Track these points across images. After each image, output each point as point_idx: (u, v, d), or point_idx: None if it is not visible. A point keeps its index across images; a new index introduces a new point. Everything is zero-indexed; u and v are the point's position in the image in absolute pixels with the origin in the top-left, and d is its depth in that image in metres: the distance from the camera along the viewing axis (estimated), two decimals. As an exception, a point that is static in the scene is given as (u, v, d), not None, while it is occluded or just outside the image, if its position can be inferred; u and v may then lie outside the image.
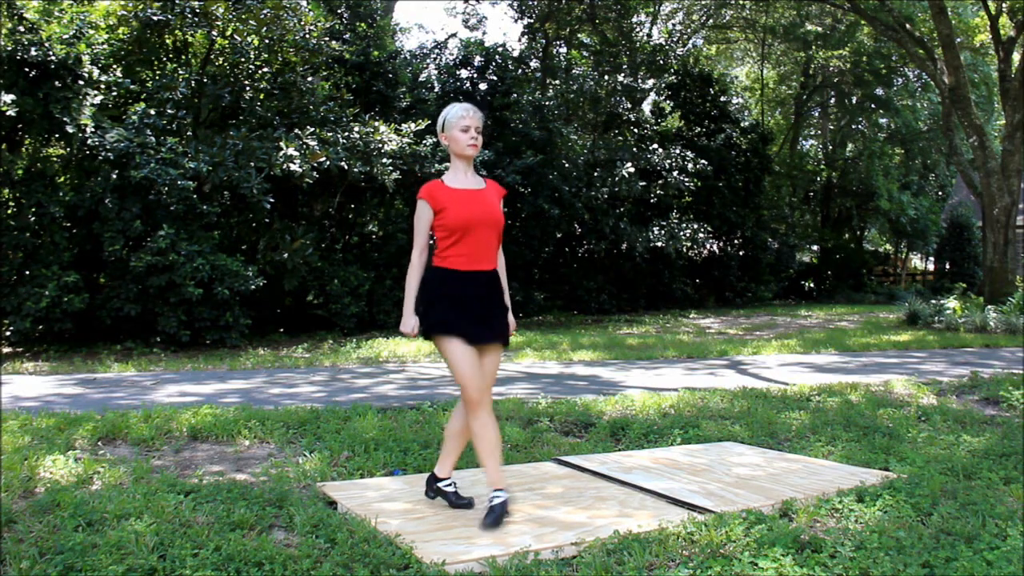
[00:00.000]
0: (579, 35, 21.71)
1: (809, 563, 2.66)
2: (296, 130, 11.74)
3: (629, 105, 19.61)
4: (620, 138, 19.42)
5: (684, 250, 18.83)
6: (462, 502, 3.34)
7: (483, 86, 16.52)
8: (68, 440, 4.40)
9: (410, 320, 3.23)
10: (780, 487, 3.65)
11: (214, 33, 11.66)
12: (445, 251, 3.25)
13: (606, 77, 18.53)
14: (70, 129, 9.94)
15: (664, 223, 18.42)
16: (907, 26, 17.79)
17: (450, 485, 3.38)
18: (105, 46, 11.11)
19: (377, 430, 4.72)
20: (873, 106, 28.50)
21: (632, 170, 17.19)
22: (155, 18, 11.03)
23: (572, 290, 18.62)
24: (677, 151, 18.68)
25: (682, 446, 4.66)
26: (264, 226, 12.31)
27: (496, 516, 3.09)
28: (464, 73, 16.69)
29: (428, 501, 3.42)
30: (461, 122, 3.28)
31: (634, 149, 18.10)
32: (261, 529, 3.01)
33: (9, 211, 10.33)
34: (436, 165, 12.92)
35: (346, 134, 12.07)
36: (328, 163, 11.49)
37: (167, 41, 11.94)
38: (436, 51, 17.17)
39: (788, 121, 30.51)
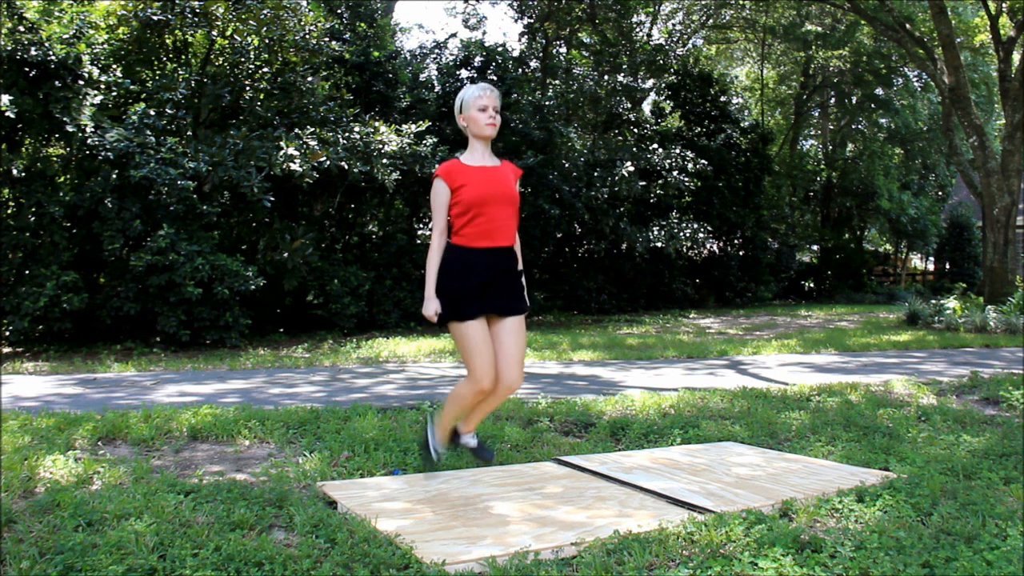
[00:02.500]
0: (579, 35, 21.71)
1: (809, 563, 2.66)
2: (296, 130, 11.74)
3: (629, 105, 19.61)
4: (620, 138, 19.42)
5: (684, 250, 18.85)
6: (485, 455, 3.50)
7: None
8: (68, 440, 4.40)
9: (432, 304, 3.27)
10: (780, 487, 3.65)
11: (214, 33, 11.67)
12: (462, 229, 3.27)
13: (606, 77, 18.53)
14: (70, 129, 9.94)
15: (664, 223, 18.42)
16: (907, 26, 17.79)
17: (473, 438, 3.50)
18: (105, 46, 11.11)
19: (377, 430, 4.72)
20: (873, 106, 28.50)
21: (632, 170, 17.19)
22: (155, 18, 11.03)
23: (572, 290, 18.63)
24: (677, 151, 18.69)
25: (682, 446, 4.66)
26: (264, 226, 12.31)
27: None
28: (464, 73, 16.69)
29: (428, 500, 3.42)
30: (479, 101, 3.30)
31: (634, 149, 18.10)
32: (261, 529, 3.01)
33: (9, 211, 10.33)
34: (436, 165, 12.91)
35: (346, 134, 12.07)
36: (328, 163, 11.49)
37: (167, 41, 11.94)
38: (436, 51, 17.17)
39: (788, 121, 30.51)
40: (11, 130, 10.29)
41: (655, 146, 18.78)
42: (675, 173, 18.35)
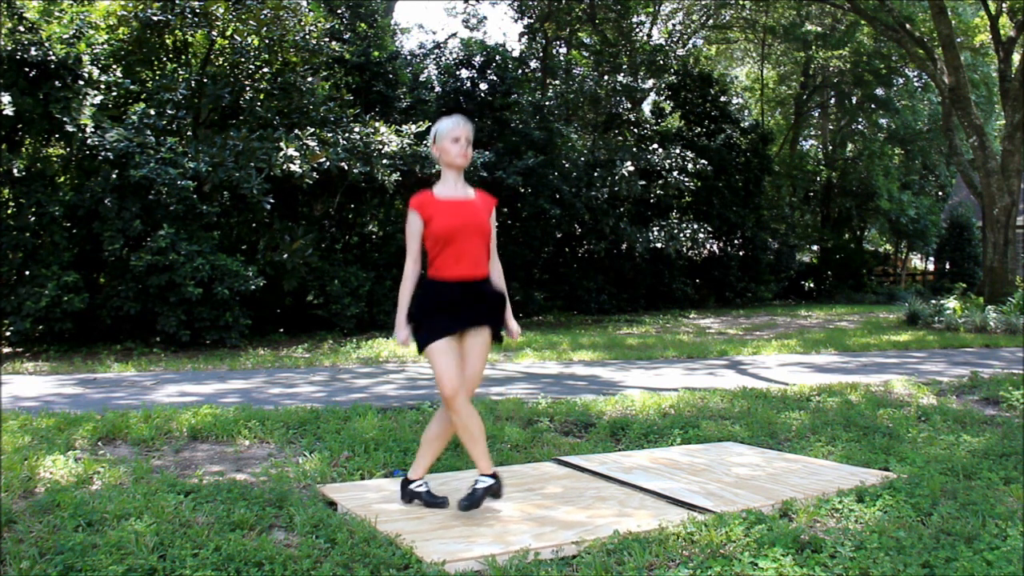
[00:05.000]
0: (579, 35, 21.71)
1: (809, 563, 2.66)
2: (296, 130, 11.74)
3: (629, 105, 19.62)
4: (620, 138, 19.42)
5: (684, 250, 18.86)
6: (436, 501, 3.32)
7: (483, 86, 16.53)
8: (68, 440, 4.40)
9: (402, 331, 3.31)
10: (780, 487, 3.65)
11: (214, 33, 11.66)
12: (434, 260, 3.32)
13: (606, 77, 18.53)
14: (70, 129, 9.94)
15: (664, 223, 18.42)
16: (907, 26, 17.79)
17: (422, 485, 3.37)
18: (105, 46, 11.11)
19: (377, 430, 4.72)
20: (873, 106, 28.51)
21: (632, 170, 17.19)
22: (155, 18, 11.03)
23: (572, 290, 18.62)
24: (677, 151, 18.69)
25: (682, 446, 4.66)
26: (264, 226, 12.31)
27: (474, 499, 3.22)
28: (464, 73, 16.69)
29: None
30: (452, 133, 3.35)
31: (634, 149, 18.10)
32: (261, 529, 3.01)
33: (9, 211, 10.33)
34: (436, 166, 12.90)
35: (346, 135, 12.06)
36: (328, 163, 11.49)
37: (167, 41, 11.94)
38: (436, 51, 17.17)
39: (788, 121, 30.51)
40: (11, 130, 10.29)
41: (655, 146, 18.78)
42: (675, 173, 18.35)
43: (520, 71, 18.07)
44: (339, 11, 14.71)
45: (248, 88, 12.30)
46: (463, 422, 3.25)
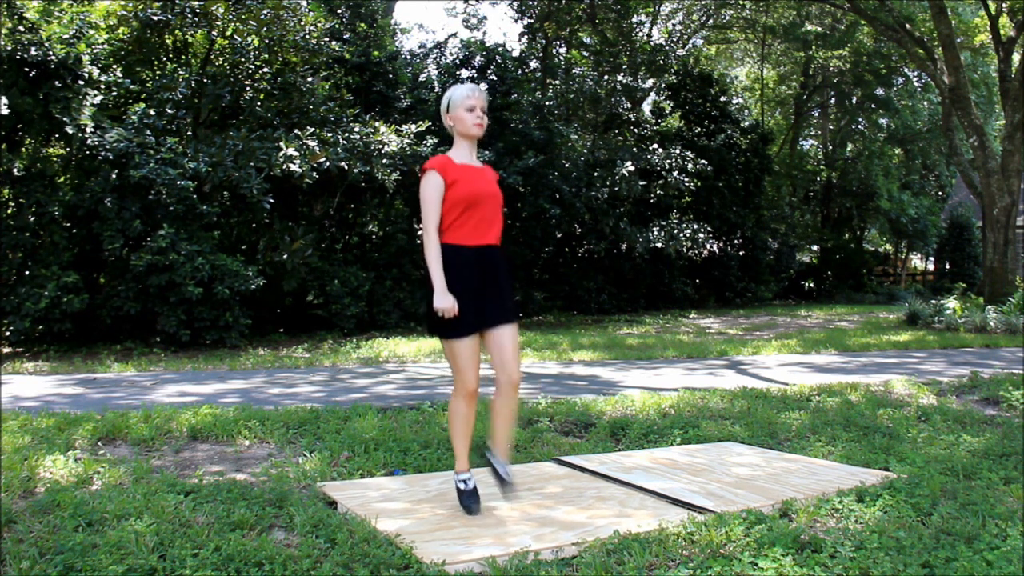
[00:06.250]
0: (579, 35, 21.71)
1: (809, 563, 2.66)
2: (296, 130, 11.74)
3: (629, 105, 19.62)
4: (620, 138, 19.42)
5: (684, 250, 18.86)
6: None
7: (483, 86, 16.52)
8: (68, 440, 4.40)
9: (448, 298, 3.13)
10: (780, 487, 3.65)
11: (214, 33, 11.67)
12: (451, 226, 3.24)
13: (606, 77, 18.53)
14: (70, 129, 9.94)
15: (664, 223, 18.43)
16: (907, 26, 17.79)
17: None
18: (105, 46, 11.11)
19: (377, 430, 4.72)
20: (873, 106, 28.52)
21: (632, 170, 17.20)
22: (155, 18, 11.03)
23: (572, 290, 18.63)
24: (677, 151, 18.69)
25: (682, 446, 4.66)
26: (264, 226, 12.31)
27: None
28: (464, 73, 16.70)
29: (428, 501, 3.42)
30: (467, 101, 3.30)
31: (634, 149, 18.10)
32: (261, 529, 3.01)
33: (9, 211, 10.33)
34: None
35: (346, 134, 12.07)
36: (328, 163, 11.49)
37: (167, 41, 11.95)
38: (436, 51, 17.18)
39: (788, 121, 30.51)
40: (11, 130, 10.29)
41: (655, 146, 18.78)
42: (675, 173, 18.34)
43: (520, 71, 18.07)
44: (339, 11, 14.71)
45: (248, 88, 12.30)
46: (466, 403, 3.31)
